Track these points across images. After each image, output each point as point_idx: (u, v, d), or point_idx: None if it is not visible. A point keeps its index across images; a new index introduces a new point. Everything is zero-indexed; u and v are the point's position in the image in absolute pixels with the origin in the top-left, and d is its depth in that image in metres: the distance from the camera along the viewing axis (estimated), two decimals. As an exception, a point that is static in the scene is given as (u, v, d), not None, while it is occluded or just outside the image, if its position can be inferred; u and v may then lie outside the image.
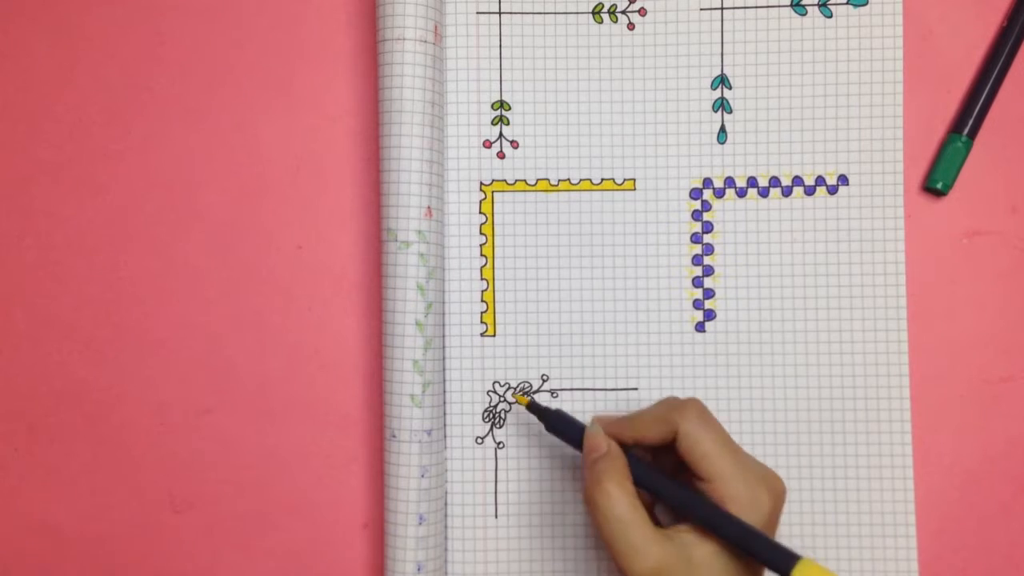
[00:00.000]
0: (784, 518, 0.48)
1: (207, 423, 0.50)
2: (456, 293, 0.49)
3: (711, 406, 0.49)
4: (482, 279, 0.50)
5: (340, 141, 0.50)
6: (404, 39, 0.46)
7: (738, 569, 0.40)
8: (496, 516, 0.49)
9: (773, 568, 0.39)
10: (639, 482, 0.42)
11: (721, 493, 0.41)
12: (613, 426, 0.44)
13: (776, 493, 0.42)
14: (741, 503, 0.40)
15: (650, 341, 0.49)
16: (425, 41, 0.46)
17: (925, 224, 0.49)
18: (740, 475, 0.41)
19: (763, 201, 0.49)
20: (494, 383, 0.49)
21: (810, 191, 0.49)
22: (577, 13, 0.49)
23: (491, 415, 0.49)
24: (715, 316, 0.49)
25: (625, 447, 0.44)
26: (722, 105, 0.49)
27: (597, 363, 0.49)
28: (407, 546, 0.46)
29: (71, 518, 0.50)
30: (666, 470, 0.44)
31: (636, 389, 0.49)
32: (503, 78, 0.49)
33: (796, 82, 0.49)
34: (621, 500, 0.41)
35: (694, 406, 0.43)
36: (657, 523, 0.42)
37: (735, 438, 0.48)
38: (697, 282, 0.49)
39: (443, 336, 0.49)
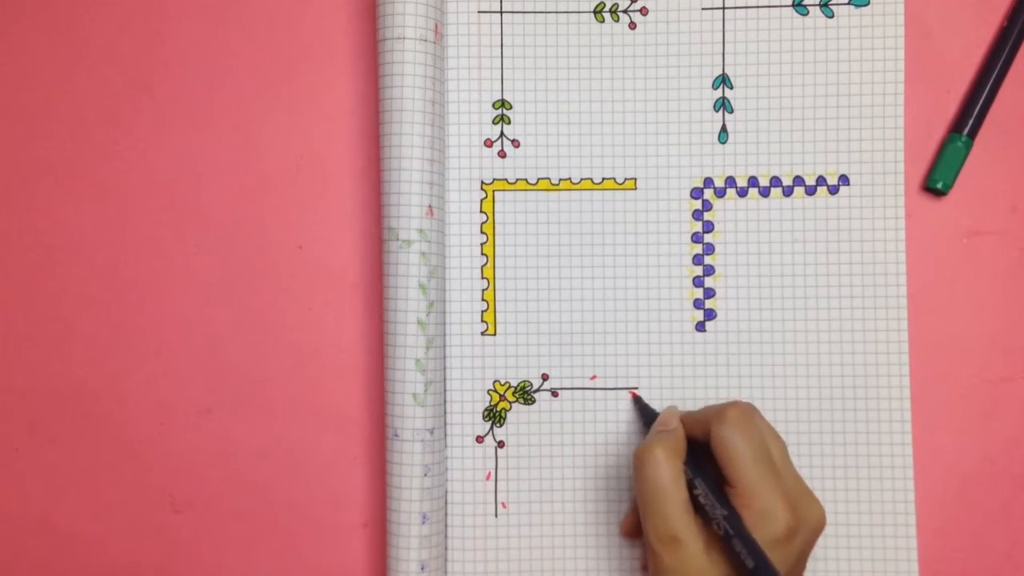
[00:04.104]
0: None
1: (207, 423, 0.50)
2: (457, 292, 0.49)
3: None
4: (483, 278, 0.50)
5: (340, 141, 0.50)
6: (404, 38, 0.46)
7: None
8: (496, 515, 0.49)
9: None
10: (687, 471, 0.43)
11: (740, 500, 0.41)
12: (682, 414, 0.46)
13: (801, 516, 0.42)
14: (754, 513, 0.41)
15: (651, 340, 0.49)
16: (425, 40, 0.46)
17: (925, 224, 0.49)
18: (761, 486, 0.41)
19: (764, 201, 0.49)
20: (494, 382, 0.49)
21: (811, 191, 0.49)
22: (579, 12, 0.49)
23: (491, 414, 0.49)
24: (716, 316, 0.49)
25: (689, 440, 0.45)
26: (723, 105, 0.49)
27: (597, 362, 0.49)
28: (411, 545, 0.46)
29: (71, 518, 0.50)
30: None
31: (636, 388, 0.49)
32: (504, 77, 0.49)
33: (797, 82, 0.49)
34: (665, 468, 0.42)
35: (734, 411, 0.43)
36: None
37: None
38: (698, 281, 0.49)
39: (444, 335, 0.49)
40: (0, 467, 0.50)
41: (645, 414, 0.48)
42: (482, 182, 0.49)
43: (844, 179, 0.49)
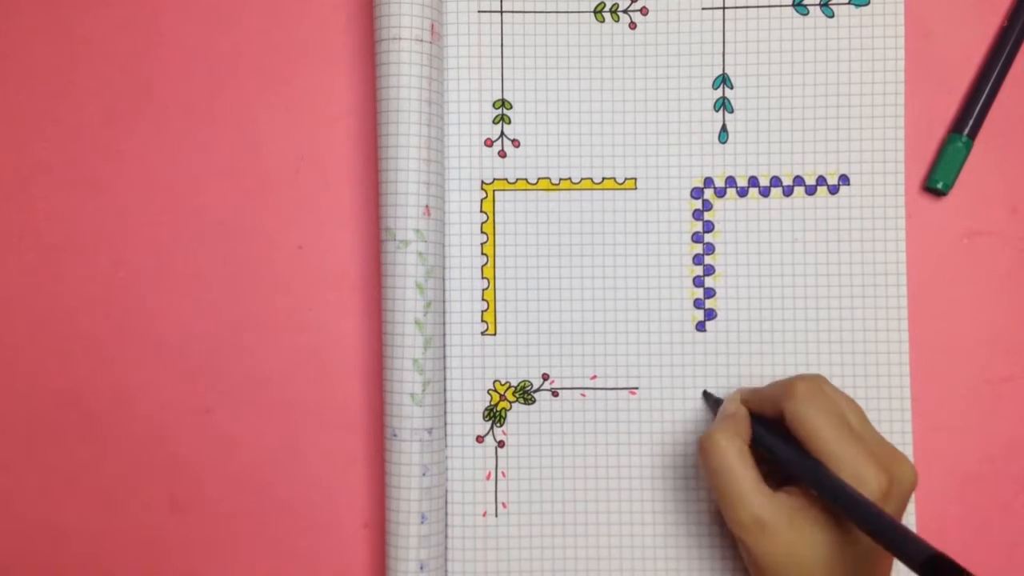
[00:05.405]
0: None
1: (207, 423, 0.50)
2: (457, 292, 0.49)
3: (712, 405, 0.49)
4: (483, 278, 0.50)
5: (340, 141, 0.50)
6: (400, 39, 0.46)
7: (836, 539, 0.40)
8: (496, 515, 0.49)
9: (893, 551, 0.37)
10: (760, 445, 0.43)
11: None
12: (745, 394, 0.46)
13: (894, 475, 0.41)
14: (847, 481, 0.40)
15: (651, 340, 0.49)
16: (421, 40, 0.46)
17: (925, 224, 0.49)
18: (847, 453, 0.40)
19: (764, 200, 0.49)
20: (494, 382, 0.49)
21: (811, 191, 0.49)
22: (579, 12, 0.49)
23: (491, 414, 0.49)
24: (716, 315, 0.49)
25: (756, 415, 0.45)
26: (723, 104, 0.49)
27: (598, 362, 0.49)
28: (409, 545, 0.46)
29: (71, 518, 0.50)
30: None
31: (636, 388, 0.49)
32: (504, 77, 0.49)
33: (798, 82, 0.49)
34: (728, 452, 0.42)
35: (801, 385, 0.43)
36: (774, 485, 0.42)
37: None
38: (698, 281, 0.49)
39: (443, 335, 0.49)
40: (0, 467, 0.50)
41: (715, 405, 0.48)
42: (482, 182, 0.49)
43: (844, 179, 0.49)
